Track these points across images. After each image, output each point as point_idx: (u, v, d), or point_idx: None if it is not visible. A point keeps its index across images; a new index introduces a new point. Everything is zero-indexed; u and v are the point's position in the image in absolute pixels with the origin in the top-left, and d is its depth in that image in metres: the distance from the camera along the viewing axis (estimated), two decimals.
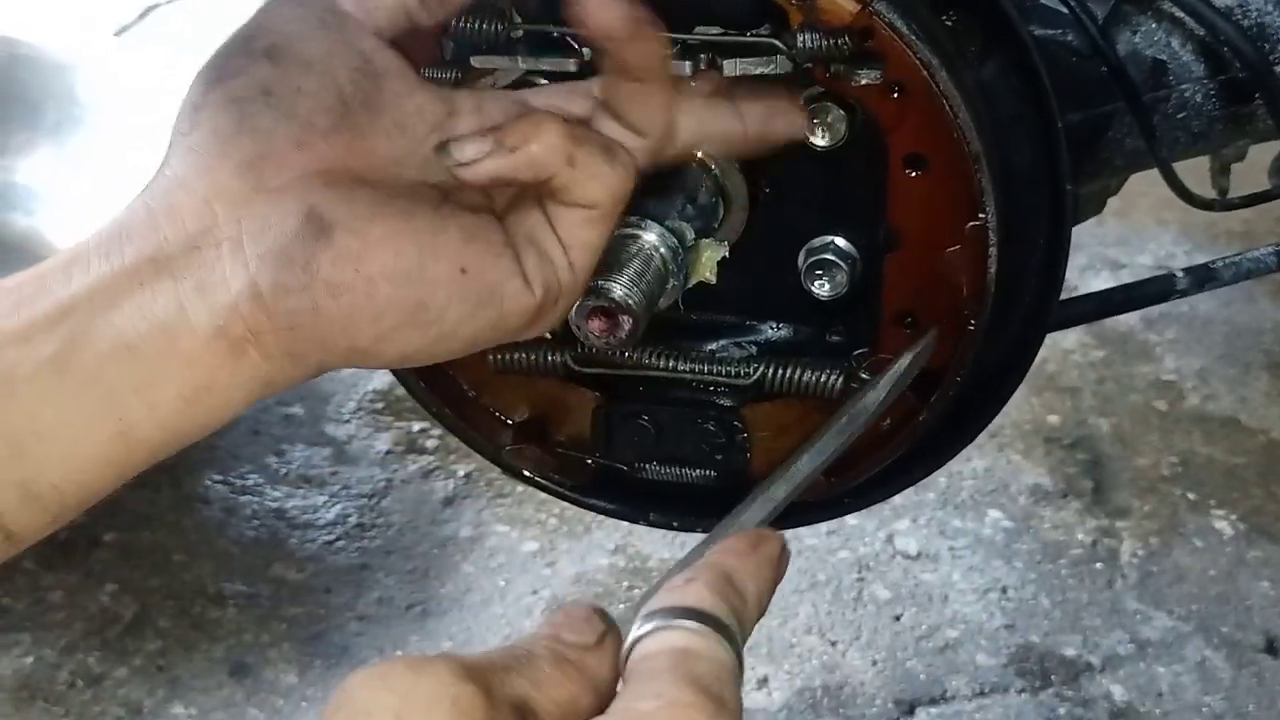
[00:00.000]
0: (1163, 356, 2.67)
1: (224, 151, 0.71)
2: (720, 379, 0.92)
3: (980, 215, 0.80)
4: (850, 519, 2.23)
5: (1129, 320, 2.74)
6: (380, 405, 2.50)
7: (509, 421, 0.98)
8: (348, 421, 2.47)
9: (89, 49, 2.57)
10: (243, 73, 0.73)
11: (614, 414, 0.95)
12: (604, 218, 0.77)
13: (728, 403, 0.94)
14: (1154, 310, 2.75)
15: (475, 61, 0.83)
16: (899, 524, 2.23)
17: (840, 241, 0.88)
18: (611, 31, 0.74)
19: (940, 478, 2.31)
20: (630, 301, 0.78)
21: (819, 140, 0.84)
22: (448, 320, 0.73)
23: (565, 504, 2.23)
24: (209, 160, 0.71)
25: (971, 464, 2.35)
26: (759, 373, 0.91)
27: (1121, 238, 3.03)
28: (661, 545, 2.19)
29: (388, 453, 2.41)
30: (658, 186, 0.83)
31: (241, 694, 1.96)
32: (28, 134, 2.53)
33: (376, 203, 0.72)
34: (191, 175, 0.71)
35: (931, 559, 2.17)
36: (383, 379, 2.56)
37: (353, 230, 0.70)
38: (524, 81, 0.84)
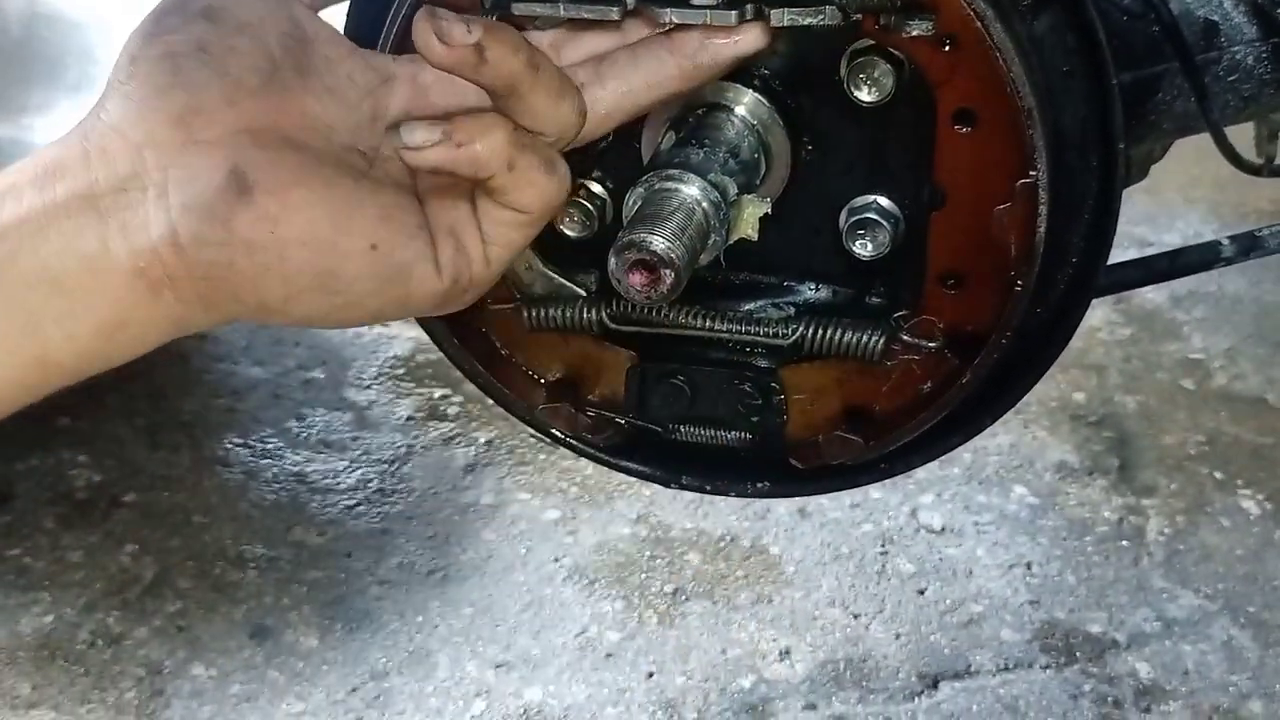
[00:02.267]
0: (1190, 335, 2.65)
1: (158, 102, 0.74)
2: (759, 339, 0.90)
3: (1031, 172, 0.78)
4: (874, 491, 2.22)
5: (1156, 298, 2.72)
6: (401, 371, 2.50)
7: (542, 381, 0.96)
8: (369, 387, 2.47)
9: (109, 7, 2.55)
10: (179, 30, 0.76)
11: (649, 374, 0.94)
12: (532, 223, 0.79)
13: (765, 364, 0.92)
14: (1182, 288, 2.73)
15: (516, 9, 0.81)
16: (923, 498, 2.22)
17: (883, 200, 0.86)
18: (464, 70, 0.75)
19: (965, 453, 2.30)
20: (673, 255, 0.76)
21: (865, 96, 0.82)
22: (354, 291, 0.76)
23: (586, 473, 2.25)
24: (143, 109, 0.74)
25: (996, 439, 2.34)
26: (798, 333, 0.89)
27: (1149, 215, 3.00)
28: (684, 515, 2.18)
29: (409, 419, 2.40)
30: (700, 140, 0.82)
31: (262, 656, 1.95)
32: (46, 92, 2.51)
33: (301, 167, 0.75)
34: (126, 121, 0.74)
35: (956, 534, 2.16)
36: (404, 346, 2.55)
37: (272, 192, 0.73)
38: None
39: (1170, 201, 3.03)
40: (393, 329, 2.58)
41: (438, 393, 2.44)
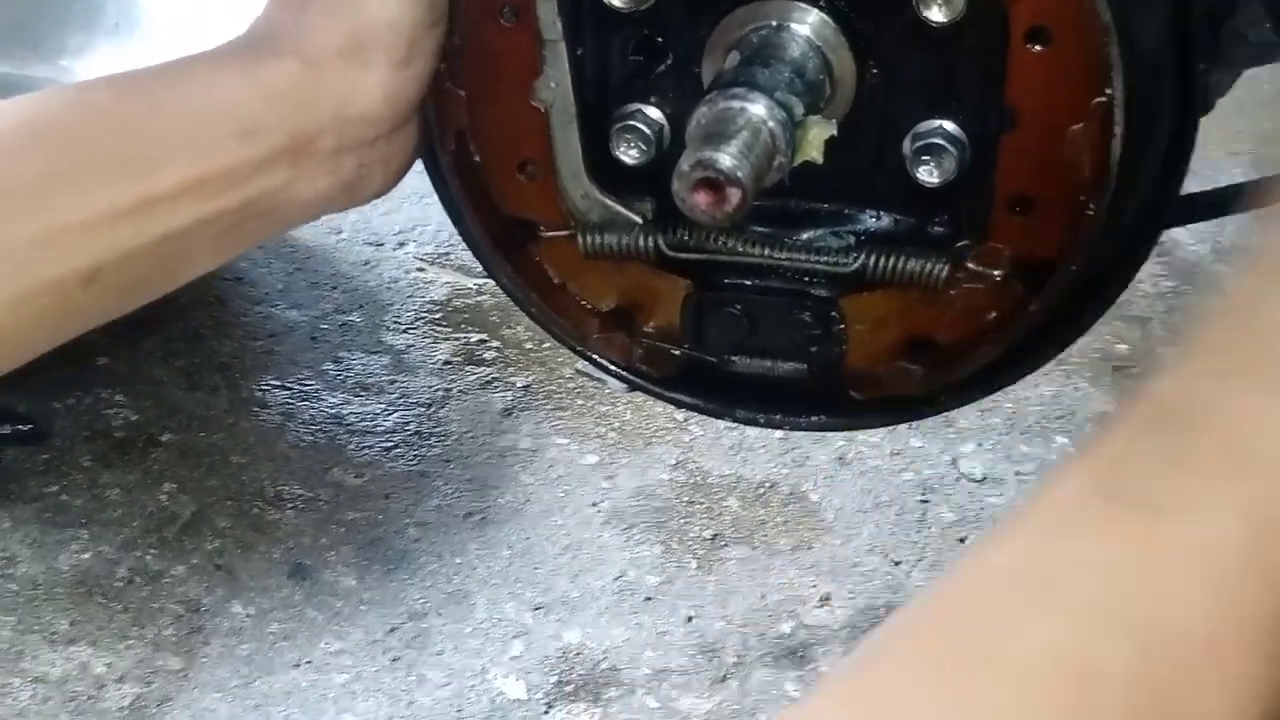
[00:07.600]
0: None
1: None
2: (819, 267, 0.88)
3: (1106, 90, 0.76)
4: (914, 440, 2.20)
5: (1200, 250, 2.68)
6: (438, 316, 2.49)
7: (596, 310, 0.95)
8: (406, 331, 2.46)
9: None
10: None
11: (705, 303, 0.92)
12: None
13: (825, 293, 0.90)
14: (1225, 241, 2.70)
15: None
16: (964, 447, 2.20)
17: (949, 125, 0.84)
18: None
19: (1006, 402, 2.28)
20: (739, 173, 0.74)
21: (935, 15, 0.80)
22: None
23: (625, 419, 2.24)
24: None
25: (1039, 389, 2.31)
26: (860, 261, 0.87)
27: (1192, 169, 2.96)
28: (722, 461, 2.17)
29: (446, 363, 2.39)
30: (765, 59, 0.80)
31: (300, 595, 1.96)
32: (86, 35, 2.50)
33: None
34: None
35: (997, 483, 2.14)
36: (441, 291, 2.54)
37: None
38: None
39: (1213, 155, 2.99)
40: (430, 274, 2.57)
41: (475, 337, 2.43)
